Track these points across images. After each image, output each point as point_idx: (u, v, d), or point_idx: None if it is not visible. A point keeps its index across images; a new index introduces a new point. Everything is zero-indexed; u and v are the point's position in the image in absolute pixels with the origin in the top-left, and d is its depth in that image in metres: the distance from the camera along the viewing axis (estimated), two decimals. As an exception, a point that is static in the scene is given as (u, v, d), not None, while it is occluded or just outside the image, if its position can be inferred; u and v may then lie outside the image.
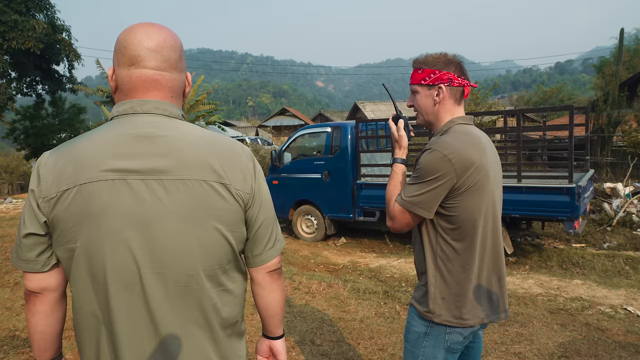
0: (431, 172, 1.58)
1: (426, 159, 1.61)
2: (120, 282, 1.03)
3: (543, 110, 7.56)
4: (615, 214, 8.12)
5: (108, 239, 1.01)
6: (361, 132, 7.76)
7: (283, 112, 40.44)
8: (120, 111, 1.10)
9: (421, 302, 1.71)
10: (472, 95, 18.05)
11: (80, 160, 1.03)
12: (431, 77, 1.71)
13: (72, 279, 1.08)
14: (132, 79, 1.10)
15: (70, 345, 3.69)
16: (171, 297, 1.05)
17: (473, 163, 1.59)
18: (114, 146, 1.04)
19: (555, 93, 33.17)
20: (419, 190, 1.61)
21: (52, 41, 17.37)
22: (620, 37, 15.69)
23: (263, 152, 13.32)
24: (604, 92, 15.29)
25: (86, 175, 1.01)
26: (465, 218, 1.62)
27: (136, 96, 1.10)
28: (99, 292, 1.04)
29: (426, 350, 1.69)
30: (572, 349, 3.57)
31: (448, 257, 1.65)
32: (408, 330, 1.78)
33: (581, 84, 78.93)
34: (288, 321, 4.15)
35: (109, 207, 1.01)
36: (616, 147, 13.10)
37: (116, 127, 1.07)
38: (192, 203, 1.04)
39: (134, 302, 1.04)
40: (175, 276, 1.05)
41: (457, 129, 1.70)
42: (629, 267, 6.14)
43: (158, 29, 1.12)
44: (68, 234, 1.03)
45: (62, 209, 1.02)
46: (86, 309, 1.07)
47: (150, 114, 1.09)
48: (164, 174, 1.04)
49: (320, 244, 8.23)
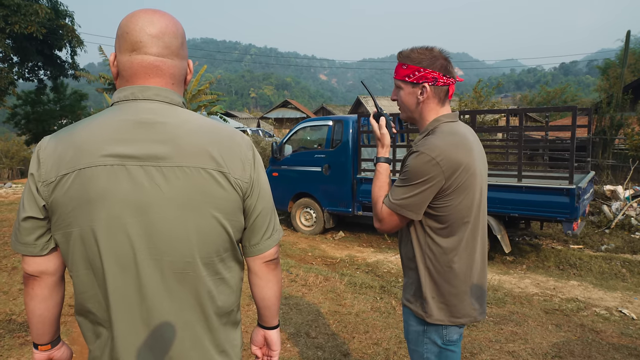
0: (419, 175, 1.57)
1: (414, 162, 1.59)
2: (117, 267, 1.03)
3: (546, 110, 7.55)
4: (614, 217, 8.12)
5: (106, 224, 1.02)
6: (362, 126, 7.74)
7: (285, 104, 40.41)
8: (121, 97, 1.10)
9: (413, 302, 1.72)
10: (475, 93, 18.00)
11: (80, 145, 1.03)
12: (415, 74, 1.66)
13: (71, 263, 1.08)
14: (133, 64, 1.09)
15: (66, 330, 3.70)
16: (167, 283, 1.05)
17: (461, 164, 1.57)
18: (114, 132, 1.04)
19: (559, 94, 33.08)
20: (407, 194, 1.60)
21: (55, 26, 17.30)
22: (627, 39, 15.62)
23: (264, 144, 13.31)
24: (607, 95, 15.25)
25: (85, 160, 1.01)
26: (454, 217, 1.62)
27: (137, 82, 1.10)
28: (97, 276, 1.05)
29: (429, 347, 1.71)
30: (566, 349, 3.58)
31: (436, 256, 1.64)
32: (407, 330, 1.79)
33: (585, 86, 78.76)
34: (284, 313, 4.17)
35: (107, 192, 1.01)
36: (618, 150, 13.08)
37: (116, 113, 1.07)
38: (191, 190, 1.05)
39: (130, 287, 1.04)
40: (171, 263, 1.05)
41: (444, 128, 1.66)
42: (625, 269, 6.15)
43: (160, 15, 1.12)
44: (66, 218, 1.04)
45: (61, 193, 1.02)
46: (85, 294, 1.08)
47: (150, 100, 1.09)
48: (162, 160, 1.04)
49: (319, 237, 8.24)
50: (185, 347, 1.08)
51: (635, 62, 26.40)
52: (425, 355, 1.72)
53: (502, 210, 6.29)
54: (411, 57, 1.67)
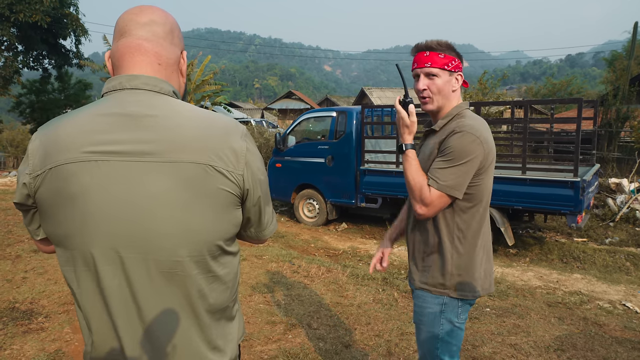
0: (466, 154, 1.67)
1: (458, 142, 1.68)
2: (105, 265, 1.01)
3: (551, 102, 7.49)
4: (618, 210, 8.08)
5: (90, 220, 0.99)
6: (366, 117, 7.70)
7: (289, 95, 40.29)
8: (109, 88, 1.07)
9: (434, 281, 1.81)
10: (480, 85, 17.88)
11: (63, 139, 1.00)
12: (452, 64, 1.76)
13: (59, 258, 1.07)
14: (119, 47, 1.10)
15: (69, 319, 3.72)
16: (154, 282, 1.02)
17: (492, 146, 1.75)
18: (99, 126, 1.01)
19: (565, 86, 32.82)
20: (456, 173, 1.68)
21: (60, 15, 17.26)
22: (634, 31, 15.43)
23: (268, 135, 13.27)
24: (614, 87, 15.11)
25: (69, 155, 0.99)
26: (481, 196, 1.76)
27: (124, 65, 1.09)
28: (87, 273, 1.02)
29: (445, 327, 1.80)
30: (568, 342, 3.57)
31: (464, 234, 1.77)
32: (421, 314, 1.86)
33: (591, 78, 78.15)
34: (286, 304, 4.17)
35: (90, 188, 0.98)
36: (623, 143, 13.00)
37: (103, 106, 1.04)
38: (180, 186, 1.00)
39: (121, 285, 1.02)
40: (158, 262, 1.01)
41: (471, 113, 1.80)
42: (629, 263, 6.12)
43: (150, 7, 1.14)
44: (50, 214, 1.02)
45: (45, 187, 1.00)
46: (76, 290, 1.06)
47: (138, 89, 1.05)
48: (150, 155, 1.00)
49: (321, 229, 8.24)
50: (176, 346, 1.06)
51: (643, 54, 26.14)
52: (440, 336, 1.81)
53: (506, 202, 6.27)
54: (445, 47, 1.77)
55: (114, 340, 1.05)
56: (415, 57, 1.81)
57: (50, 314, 3.82)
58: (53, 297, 4.15)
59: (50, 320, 3.71)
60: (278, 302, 4.21)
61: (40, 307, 3.95)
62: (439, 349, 1.82)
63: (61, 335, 3.47)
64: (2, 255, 5.33)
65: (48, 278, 4.64)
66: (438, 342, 1.82)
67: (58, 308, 3.94)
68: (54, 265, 4.92)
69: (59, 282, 4.49)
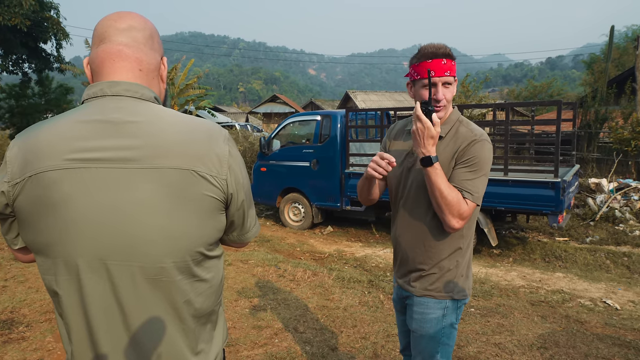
0: (489, 163, 1.72)
1: (483, 152, 1.69)
2: (89, 272, 1.00)
3: (532, 104, 7.59)
4: (598, 209, 8.23)
5: (72, 228, 0.98)
6: (351, 121, 7.74)
7: (274, 99, 40.25)
8: (90, 94, 1.06)
9: (440, 286, 1.81)
10: (463, 87, 18.07)
11: (43, 146, 0.99)
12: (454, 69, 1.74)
13: (40, 267, 1.05)
14: (98, 53, 1.09)
15: (51, 327, 3.67)
16: (139, 289, 1.01)
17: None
18: (80, 133, 1.00)
19: (546, 88, 33.32)
20: (484, 182, 1.72)
21: (40, 19, 17.00)
22: (611, 34, 15.78)
23: (252, 139, 13.23)
24: (592, 89, 15.42)
25: (49, 163, 0.97)
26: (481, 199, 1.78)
27: (104, 71, 1.08)
28: (69, 282, 1.01)
29: (445, 330, 1.83)
30: (551, 340, 3.62)
31: (466, 236, 1.82)
32: (423, 320, 1.84)
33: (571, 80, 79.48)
34: (272, 308, 4.16)
35: (72, 195, 0.97)
36: (602, 144, 13.24)
37: (84, 112, 1.03)
38: (164, 192, 1.00)
39: (105, 292, 1.01)
40: (142, 268, 1.01)
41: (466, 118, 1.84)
42: (609, 261, 6.24)
43: (128, 13, 1.14)
44: (30, 222, 1.00)
45: (24, 195, 0.99)
46: (57, 298, 1.04)
47: (119, 96, 1.05)
48: (133, 162, 0.99)
49: (307, 232, 8.24)
50: (161, 353, 1.05)
51: (620, 57, 26.74)
52: (441, 340, 1.83)
53: (488, 203, 6.34)
54: (452, 54, 1.73)
55: (94, 350, 1.03)
56: (431, 63, 1.67)
57: (31, 323, 3.75)
58: (34, 306, 4.09)
59: (31, 330, 3.65)
60: (264, 307, 4.20)
61: (22, 316, 3.89)
62: (440, 352, 1.84)
63: (43, 344, 3.42)
64: (-18, 263, 5.23)
65: (29, 286, 4.57)
66: (439, 346, 1.83)
67: (40, 317, 3.88)
68: (35, 273, 4.84)
69: (40, 291, 4.42)
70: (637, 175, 11.23)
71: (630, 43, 25.41)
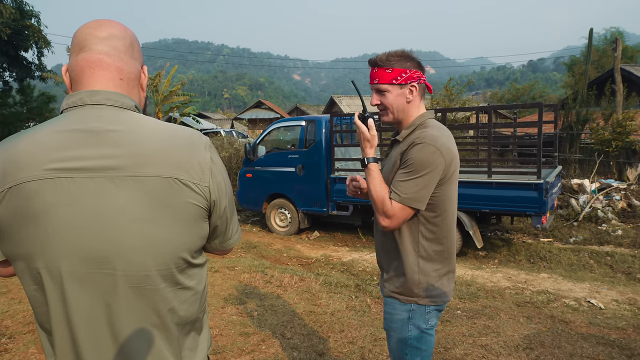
0: (426, 166, 1.67)
1: (419, 154, 1.68)
2: (73, 283, 0.98)
3: (514, 107, 7.71)
4: (581, 210, 8.35)
5: (54, 238, 0.96)
6: (335, 126, 7.76)
7: (259, 105, 40.13)
8: (69, 104, 1.05)
9: (402, 289, 1.82)
10: (446, 91, 18.25)
11: (23, 156, 0.97)
12: (403, 76, 1.75)
13: (21, 279, 1.03)
14: (78, 61, 1.07)
15: (35, 339, 3.60)
16: (123, 297, 1.01)
17: (455, 154, 1.75)
18: (60, 142, 0.99)
19: (528, 90, 33.79)
20: (418, 186, 1.68)
21: (20, 27, 16.79)
22: (590, 37, 16.06)
23: (238, 145, 13.18)
24: (573, 91, 15.65)
25: (29, 173, 0.96)
26: (446, 205, 1.77)
27: (84, 80, 1.07)
28: (53, 293, 0.99)
29: (413, 333, 1.82)
30: (536, 340, 3.66)
31: (429, 243, 1.78)
32: (390, 320, 1.88)
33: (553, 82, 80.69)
34: (259, 314, 4.14)
35: (53, 206, 0.96)
36: (584, 145, 13.44)
37: (64, 122, 1.02)
38: (145, 201, 1.00)
39: (89, 302, 1.00)
40: (126, 277, 1.00)
41: (433, 123, 1.80)
42: (593, 261, 6.33)
43: (108, 21, 1.13)
44: (10, 234, 0.98)
45: (5, 207, 0.97)
46: (38, 308, 1.03)
47: (99, 105, 1.04)
48: (114, 170, 0.98)
49: (294, 238, 8.22)
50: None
51: (599, 59, 27.22)
52: (409, 342, 1.83)
53: (473, 206, 6.40)
54: (392, 60, 1.76)
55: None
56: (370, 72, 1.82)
57: (14, 335, 3.68)
58: (17, 317, 4.01)
59: (14, 341, 3.58)
60: (251, 313, 4.18)
61: (4, 327, 3.82)
62: (408, 354, 1.84)
63: (26, 356, 3.36)
64: (-38, 276, 5.12)
65: (12, 297, 4.48)
66: (407, 348, 1.84)
67: (22, 328, 3.81)
68: (18, 284, 4.75)
69: (23, 302, 4.34)
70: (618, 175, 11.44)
71: (609, 45, 25.88)
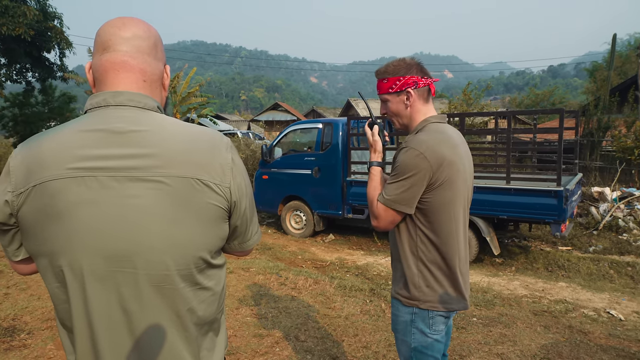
0: (409, 169, 1.69)
1: (403, 157, 1.72)
2: (94, 282, 0.99)
3: (534, 112, 7.60)
4: (602, 218, 8.20)
5: (76, 237, 0.97)
6: (352, 129, 7.74)
7: (275, 107, 40.38)
8: (92, 104, 1.06)
9: (404, 292, 1.82)
10: (464, 95, 18.11)
11: (47, 156, 0.99)
12: (397, 84, 1.81)
13: (44, 277, 1.05)
14: (102, 62, 1.08)
15: (53, 335, 3.65)
16: (144, 296, 1.01)
17: (445, 158, 1.70)
18: (84, 142, 1.00)
19: (547, 96, 33.34)
20: (400, 188, 1.71)
21: (43, 28, 17.14)
22: (613, 42, 15.81)
23: (254, 147, 13.25)
24: (595, 97, 15.40)
25: (53, 172, 0.97)
26: (442, 211, 1.74)
27: (107, 81, 1.07)
28: (74, 291, 1.00)
29: (416, 336, 1.81)
30: (554, 351, 3.59)
31: (427, 248, 1.77)
32: (395, 321, 1.89)
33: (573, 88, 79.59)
34: (273, 316, 4.14)
35: (77, 204, 0.97)
36: (605, 152, 13.21)
37: (87, 122, 1.03)
38: (167, 201, 1.00)
39: (109, 301, 1.01)
40: (147, 275, 1.01)
41: (431, 127, 1.80)
42: (613, 271, 6.20)
43: (132, 20, 1.12)
44: (34, 232, 1.00)
45: (29, 205, 0.98)
46: (60, 306, 1.05)
47: (123, 106, 1.05)
48: (136, 170, 0.99)
49: (309, 240, 8.22)
50: None
51: (622, 65, 26.76)
52: (412, 345, 1.82)
53: (491, 212, 6.32)
54: (388, 70, 1.83)
55: (98, 358, 1.03)
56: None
57: (33, 331, 3.74)
58: (36, 313, 4.08)
59: (33, 337, 3.64)
60: (265, 315, 4.18)
61: (23, 323, 3.88)
62: (413, 357, 1.84)
63: (44, 352, 3.41)
64: (-17, 271, 5.23)
65: (31, 294, 4.56)
66: (411, 351, 1.83)
67: (41, 324, 3.87)
68: (37, 281, 4.84)
69: (42, 298, 4.41)
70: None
71: (633, 51, 25.44)
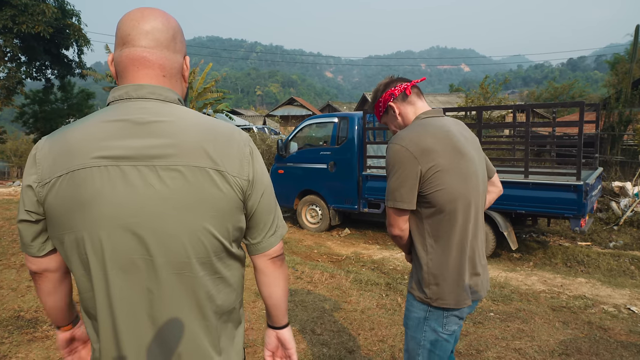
0: (394, 164, 1.70)
1: (387, 154, 1.75)
2: (116, 269, 1.02)
3: (553, 105, 7.48)
4: (622, 213, 8.06)
5: (101, 225, 1.00)
6: (368, 123, 7.72)
7: (291, 102, 40.38)
8: (115, 97, 1.09)
9: (418, 288, 1.80)
10: (481, 89, 17.90)
11: (73, 146, 1.02)
12: (381, 105, 1.93)
13: (70, 264, 1.08)
14: (122, 58, 1.10)
15: (73, 327, 3.73)
16: (165, 283, 1.04)
17: (430, 148, 1.66)
18: (107, 133, 1.02)
19: (567, 90, 32.75)
20: (392, 186, 1.72)
21: (62, 26, 17.43)
22: (636, 34, 15.43)
23: (270, 141, 13.30)
24: (616, 90, 15.09)
25: (78, 162, 1.00)
26: (441, 203, 1.69)
27: (128, 76, 1.10)
28: (98, 278, 1.03)
29: (427, 334, 1.78)
30: (573, 346, 3.55)
31: (435, 241, 1.73)
32: (408, 316, 1.87)
33: (593, 81, 78.04)
34: (289, 310, 4.17)
35: (100, 194, 1.00)
36: (626, 146, 12.96)
37: (110, 114, 1.06)
38: (186, 190, 1.02)
39: (131, 289, 1.03)
40: (167, 264, 1.03)
41: (415, 122, 1.83)
42: (634, 267, 6.10)
43: (152, 11, 1.12)
44: (61, 221, 1.03)
45: (55, 195, 1.01)
46: (86, 294, 1.08)
47: (144, 99, 1.07)
48: (157, 159, 1.02)
49: (324, 234, 8.24)
50: (184, 349, 1.07)
51: (644, 57, 26.10)
52: (422, 342, 1.80)
53: (508, 207, 6.26)
54: (372, 99, 1.99)
55: (119, 347, 1.05)
56: None
57: (54, 322, 3.82)
58: (57, 306, 4.16)
59: (54, 329, 3.71)
60: (282, 309, 4.20)
61: (45, 315, 3.96)
62: (420, 356, 1.81)
63: (65, 343, 3.48)
64: (7, 264, 5.34)
65: (52, 286, 4.65)
66: (420, 348, 1.80)
67: (62, 316, 3.94)
68: (58, 274, 4.93)
69: (63, 291, 4.50)
70: (662, 178, 10.96)
71: (655, 43, 24.82)
